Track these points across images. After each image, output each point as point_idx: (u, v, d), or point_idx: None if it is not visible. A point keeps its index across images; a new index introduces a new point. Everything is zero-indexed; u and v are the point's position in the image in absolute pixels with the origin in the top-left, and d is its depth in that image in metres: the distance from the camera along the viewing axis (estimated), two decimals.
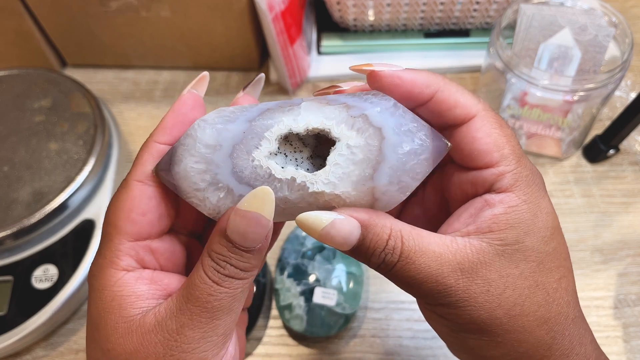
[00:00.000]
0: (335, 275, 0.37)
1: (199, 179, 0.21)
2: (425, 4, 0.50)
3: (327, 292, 0.37)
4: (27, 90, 0.46)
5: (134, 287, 0.21)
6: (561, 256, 0.22)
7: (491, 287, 0.21)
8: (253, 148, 0.21)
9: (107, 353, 0.21)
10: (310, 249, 0.39)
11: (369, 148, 0.21)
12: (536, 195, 0.22)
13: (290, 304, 0.37)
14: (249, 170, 0.20)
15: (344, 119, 0.21)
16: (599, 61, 0.41)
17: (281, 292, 0.38)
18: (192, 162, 0.20)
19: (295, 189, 0.21)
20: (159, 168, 0.21)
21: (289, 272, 0.38)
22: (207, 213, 0.21)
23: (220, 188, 0.21)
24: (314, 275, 0.37)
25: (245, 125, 0.21)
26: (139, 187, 0.21)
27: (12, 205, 0.39)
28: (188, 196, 0.21)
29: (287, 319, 0.37)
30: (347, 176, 0.21)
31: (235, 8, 0.48)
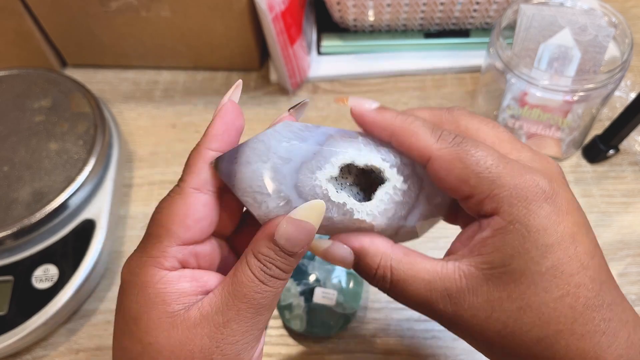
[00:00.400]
0: (335, 275, 0.37)
1: (265, 184, 0.22)
2: (425, 4, 0.50)
3: (327, 292, 0.37)
4: (27, 90, 0.46)
5: (177, 284, 0.22)
6: (564, 273, 0.22)
7: (478, 312, 0.22)
8: (317, 169, 0.23)
9: (149, 346, 0.22)
10: None
11: (409, 194, 0.25)
12: (523, 213, 0.22)
13: (290, 303, 0.37)
14: (309, 188, 0.23)
15: (396, 163, 0.25)
16: (598, 61, 0.41)
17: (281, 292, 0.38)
18: (262, 167, 0.22)
19: (342, 212, 0.23)
20: (220, 161, 0.23)
21: None
22: (257, 215, 0.23)
23: (281, 197, 0.23)
24: (314, 275, 0.37)
25: (316, 147, 0.23)
26: (195, 194, 0.23)
27: (12, 205, 0.39)
28: (244, 195, 0.22)
29: (287, 319, 0.37)
30: (386, 212, 0.24)
31: (235, 8, 0.48)
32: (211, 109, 0.52)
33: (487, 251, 0.22)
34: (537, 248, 0.22)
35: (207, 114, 0.52)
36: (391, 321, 0.39)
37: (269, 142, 0.23)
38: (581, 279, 0.22)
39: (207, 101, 0.53)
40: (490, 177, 0.22)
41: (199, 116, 0.52)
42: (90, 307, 0.41)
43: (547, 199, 0.22)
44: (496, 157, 0.22)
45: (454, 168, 0.22)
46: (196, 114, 0.52)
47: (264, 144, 0.23)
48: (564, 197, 0.23)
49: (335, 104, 0.52)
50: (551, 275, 0.22)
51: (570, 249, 0.22)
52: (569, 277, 0.22)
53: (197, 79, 0.55)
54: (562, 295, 0.22)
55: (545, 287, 0.22)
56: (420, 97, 0.52)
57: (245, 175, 0.22)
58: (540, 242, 0.22)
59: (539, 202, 0.22)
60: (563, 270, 0.22)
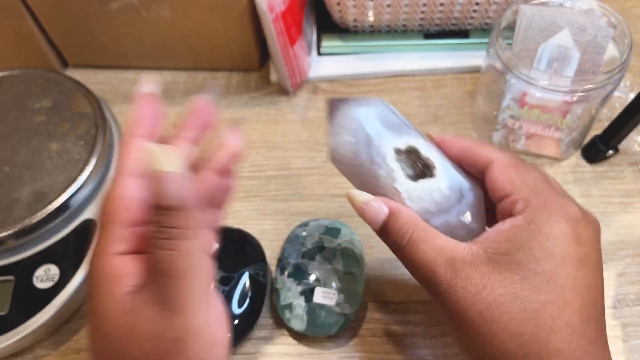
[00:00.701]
0: (335, 275, 0.37)
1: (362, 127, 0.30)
2: (425, 4, 0.50)
3: (327, 292, 0.37)
4: (28, 90, 0.46)
5: (125, 267, 0.23)
6: (556, 283, 0.23)
7: (470, 284, 0.24)
8: (395, 136, 0.29)
9: (108, 336, 0.22)
10: (310, 248, 0.39)
11: (447, 201, 0.29)
12: (543, 220, 0.25)
13: (291, 303, 0.37)
14: (383, 143, 0.29)
15: (448, 173, 0.29)
16: (598, 62, 0.41)
17: (281, 291, 0.38)
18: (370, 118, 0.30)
19: (389, 175, 0.28)
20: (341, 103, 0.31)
21: (289, 272, 0.38)
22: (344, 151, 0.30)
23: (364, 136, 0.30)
24: (314, 275, 0.37)
25: (401, 124, 0.30)
26: (129, 179, 0.24)
27: (13, 206, 0.39)
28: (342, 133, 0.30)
29: (288, 318, 0.37)
30: (419, 200, 0.28)
31: (235, 8, 0.48)
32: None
33: (499, 240, 0.25)
34: (542, 250, 0.24)
35: None
36: (390, 321, 0.39)
37: (379, 110, 0.30)
38: (571, 298, 0.23)
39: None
40: (531, 186, 0.26)
41: None
42: None
43: (570, 221, 0.25)
44: (544, 179, 0.27)
45: (508, 170, 0.27)
46: None
47: (375, 112, 0.30)
48: (588, 237, 0.25)
49: None
50: (544, 279, 0.23)
51: (571, 269, 0.24)
52: (560, 290, 0.23)
53: (197, 79, 0.55)
54: (548, 301, 0.23)
55: (535, 286, 0.23)
56: (420, 97, 0.52)
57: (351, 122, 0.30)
58: (547, 246, 0.24)
59: (561, 220, 0.25)
60: (557, 281, 0.23)
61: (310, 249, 0.39)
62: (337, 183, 0.46)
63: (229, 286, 0.37)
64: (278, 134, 0.50)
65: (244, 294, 0.37)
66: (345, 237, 0.40)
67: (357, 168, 0.29)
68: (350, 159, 0.30)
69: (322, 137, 0.50)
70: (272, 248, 0.42)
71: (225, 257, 0.35)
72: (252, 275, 0.38)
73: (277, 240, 0.43)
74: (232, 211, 0.38)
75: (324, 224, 0.41)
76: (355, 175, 0.30)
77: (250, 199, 0.46)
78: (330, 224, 0.41)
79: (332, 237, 0.39)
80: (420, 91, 0.53)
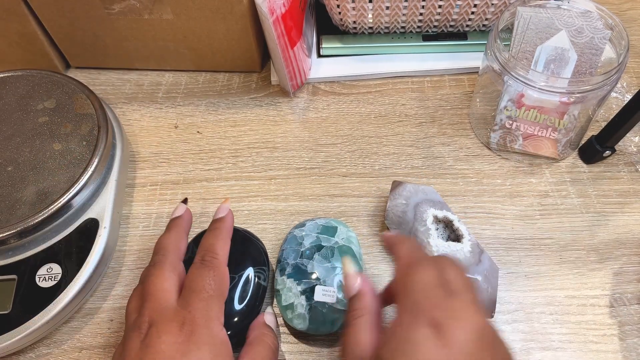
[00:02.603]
0: (334, 273, 0.38)
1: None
2: (424, 7, 0.51)
3: (328, 290, 0.37)
4: (31, 91, 0.46)
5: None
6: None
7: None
8: (434, 211, 0.41)
9: None
10: (308, 248, 0.39)
11: (467, 260, 0.38)
12: (407, 322, 0.26)
13: (292, 303, 0.37)
14: (425, 215, 0.41)
15: (472, 243, 0.39)
16: (595, 63, 0.41)
17: (282, 292, 0.38)
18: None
19: (425, 231, 0.39)
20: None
21: (289, 273, 0.38)
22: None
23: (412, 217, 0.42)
24: (314, 274, 0.38)
25: (446, 207, 0.42)
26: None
27: (16, 205, 0.40)
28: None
29: (290, 318, 0.37)
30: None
31: (236, 11, 0.48)
32: (213, 110, 0.53)
33: (381, 343, 0.27)
34: (403, 354, 0.25)
35: (208, 115, 0.52)
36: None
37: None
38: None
39: (210, 103, 0.53)
40: (416, 289, 0.28)
41: (201, 117, 0.52)
42: (93, 305, 0.41)
43: (434, 325, 0.25)
44: (436, 280, 0.28)
45: (402, 270, 0.30)
46: (198, 115, 0.52)
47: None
48: (457, 341, 0.24)
49: (336, 104, 0.52)
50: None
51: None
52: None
53: (199, 81, 0.55)
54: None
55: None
56: (419, 98, 0.53)
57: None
58: (407, 350, 0.25)
59: (424, 324, 0.25)
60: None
61: (308, 248, 0.39)
62: (336, 183, 0.47)
63: (230, 285, 0.37)
64: (278, 135, 0.51)
65: (244, 293, 0.37)
66: (342, 235, 0.40)
67: (403, 225, 0.41)
68: (400, 218, 0.41)
69: (322, 138, 0.50)
70: (273, 248, 0.43)
71: (230, 257, 0.36)
72: (253, 276, 0.38)
73: (277, 240, 0.43)
74: (232, 211, 0.39)
75: (321, 223, 0.41)
76: (400, 229, 0.41)
77: (250, 199, 0.46)
78: (327, 223, 0.41)
79: (329, 235, 0.40)
80: (419, 92, 0.53)
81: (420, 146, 0.49)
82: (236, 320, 0.37)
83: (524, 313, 0.39)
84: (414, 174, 0.47)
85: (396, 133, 0.50)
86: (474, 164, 0.48)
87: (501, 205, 0.45)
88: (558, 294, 0.40)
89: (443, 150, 0.49)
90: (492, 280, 0.38)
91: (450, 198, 0.45)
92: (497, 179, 0.47)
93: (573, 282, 0.41)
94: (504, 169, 0.47)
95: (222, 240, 0.35)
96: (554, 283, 0.41)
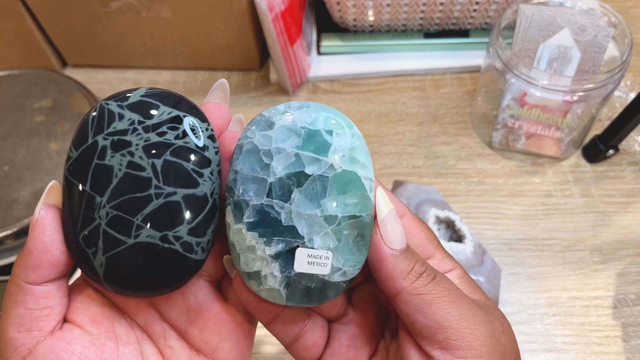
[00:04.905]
0: (328, 224, 0.21)
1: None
2: (425, 4, 0.50)
3: (317, 255, 0.21)
4: (28, 90, 0.46)
5: None
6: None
7: None
8: (436, 211, 0.42)
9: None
10: (281, 177, 0.21)
11: (468, 262, 0.39)
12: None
13: (258, 272, 0.21)
14: (427, 214, 0.42)
15: (474, 243, 0.40)
16: (598, 61, 0.41)
17: (239, 249, 0.21)
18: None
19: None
20: None
21: (250, 221, 0.21)
22: None
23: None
24: (292, 227, 0.21)
25: (448, 207, 0.42)
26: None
27: (12, 205, 0.39)
28: None
29: (256, 290, 0.22)
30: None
31: (235, 9, 0.48)
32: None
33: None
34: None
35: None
36: None
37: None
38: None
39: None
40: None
41: None
42: None
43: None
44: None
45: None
46: None
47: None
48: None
49: (336, 103, 0.52)
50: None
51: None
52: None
53: (197, 79, 0.55)
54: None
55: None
56: (420, 97, 0.52)
57: None
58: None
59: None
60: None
61: (281, 177, 0.21)
62: None
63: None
64: None
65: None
66: (341, 148, 0.22)
67: None
68: None
69: None
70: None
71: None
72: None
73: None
74: None
75: (302, 125, 0.22)
76: None
77: None
78: (311, 122, 0.22)
79: (317, 153, 0.21)
80: (420, 91, 0.53)
81: (421, 145, 0.49)
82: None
83: (526, 314, 0.39)
84: (415, 174, 0.47)
85: (397, 132, 0.50)
86: (476, 164, 0.47)
87: (503, 205, 0.44)
88: (561, 295, 0.40)
89: (445, 149, 0.48)
90: (495, 281, 0.38)
91: (452, 198, 0.45)
92: (499, 179, 0.46)
93: (576, 282, 0.40)
94: (506, 168, 0.47)
95: None
96: (557, 284, 0.40)
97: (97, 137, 0.20)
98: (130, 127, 0.20)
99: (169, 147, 0.20)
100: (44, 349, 0.20)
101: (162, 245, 0.20)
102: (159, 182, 0.20)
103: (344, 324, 0.24)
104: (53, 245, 0.20)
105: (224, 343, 0.23)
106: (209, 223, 0.21)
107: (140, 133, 0.20)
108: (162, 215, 0.20)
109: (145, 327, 0.23)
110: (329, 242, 0.21)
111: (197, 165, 0.21)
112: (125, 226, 0.20)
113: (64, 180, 0.21)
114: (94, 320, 0.22)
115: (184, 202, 0.20)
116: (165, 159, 0.20)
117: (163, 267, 0.20)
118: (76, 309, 0.22)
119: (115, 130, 0.20)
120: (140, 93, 0.22)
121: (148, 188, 0.20)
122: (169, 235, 0.20)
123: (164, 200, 0.20)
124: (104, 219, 0.19)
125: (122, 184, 0.20)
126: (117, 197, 0.20)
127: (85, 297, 0.22)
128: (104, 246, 0.20)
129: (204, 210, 0.21)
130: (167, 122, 0.21)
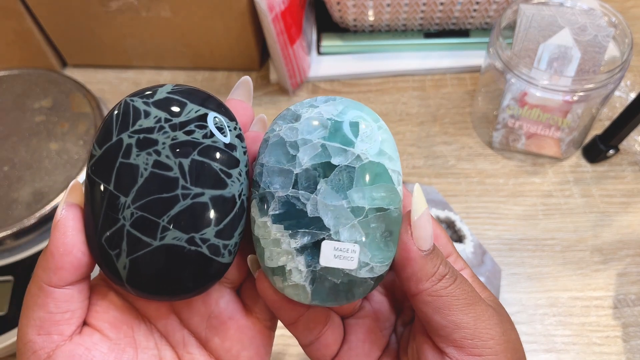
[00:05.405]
0: (355, 216, 0.21)
1: None
2: (425, 4, 0.50)
3: (344, 248, 0.21)
4: (28, 90, 0.46)
5: None
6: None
7: None
8: (435, 211, 0.42)
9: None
10: (307, 168, 0.21)
11: (469, 261, 0.38)
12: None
13: (283, 267, 0.21)
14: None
15: (474, 244, 0.40)
16: (598, 61, 0.41)
17: (264, 244, 0.21)
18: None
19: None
20: None
21: (275, 213, 0.21)
22: None
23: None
24: (318, 219, 0.21)
25: (448, 207, 0.43)
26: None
27: (12, 205, 0.39)
28: None
29: (281, 287, 0.21)
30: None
31: (235, 8, 0.48)
32: None
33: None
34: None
35: None
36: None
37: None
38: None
39: None
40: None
41: None
42: None
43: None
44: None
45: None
46: None
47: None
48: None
49: None
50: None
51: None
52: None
53: (197, 79, 0.55)
54: None
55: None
56: (420, 97, 0.52)
57: None
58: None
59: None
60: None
61: (307, 169, 0.21)
62: None
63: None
64: None
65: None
66: (368, 139, 0.22)
67: None
68: None
69: None
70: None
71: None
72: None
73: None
74: None
75: (328, 116, 0.22)
76: None
77: None
78: (338, 114, 0.22)
79: (344, 144, 0.21)
80: (420, 91, 0.53)
81: (421, 145, 0.49)
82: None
83: (527, 315, 0.39)
84: (416, 174, 0.47)
85: (397, 132, 0.50)
86: (476, 164, 0.47)
87: (504, 205, 0.44)
88: (561, 295, 0.40)
89: (445, 149, 0.48)
90: (495, 282, 0.38)
91: (452, 198, 0.45)
92: (499, 179, 0.46)
93: (576, 283, 0.40)
94: (507, 168, 0.47)
95: None
96: (557, 284, 0.40)
97: (122, 135, 0.19)
98: (156, 125, 0.20)
99: (197, 147, 0.20)
100: (63, 354, 0.20)
101: (189, 248, 0.19)
102: (187, 183, 0.19)
103: (360, 318, 0.24)
104: (75, 247, 0.20)
105: (245, 351, 0.23)
106: (236, 225, 0.20)
107: (167, 131, 0.19)
108: (189, 217, 0.19)
109: (165, 333, 0.23)
110: (356, 235, 0.21)
111: (226, 165, 0.20)
112: (151, 227, 0.19)
113: (86, 179, 0.20)
114: (113, 324, 0.21)
115: (212, 203, 0.19)
116: (192, 158, 0.19)
117: (189, 271, 0.19)
118: (96, 312, 0.21)
119: (141, 128, 0.19)
120: (167, 90, 0.21)
121: (175, 188, 0.19)
122: (195, 238, 0.19)
123: (191, 202, 0.19)
124: (129, 219, 0.19)
125: (148, 184, 0.19)
126: (142, 197, 0.19)
127: (105, 301, 0.22)
128: (128, 248, 0.19)
129: (232, 212, 0.20)
130: (195, 120, 0.20)
